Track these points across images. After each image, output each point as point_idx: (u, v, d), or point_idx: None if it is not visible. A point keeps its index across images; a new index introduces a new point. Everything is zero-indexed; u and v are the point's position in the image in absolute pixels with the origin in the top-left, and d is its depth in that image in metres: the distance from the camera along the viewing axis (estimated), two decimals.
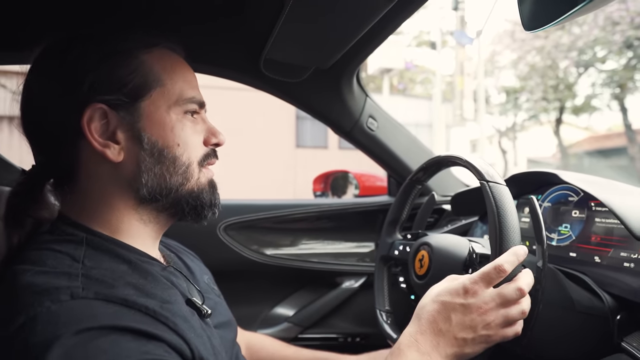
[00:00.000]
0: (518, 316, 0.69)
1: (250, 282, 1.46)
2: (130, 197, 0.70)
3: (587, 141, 17.25)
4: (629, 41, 11.47)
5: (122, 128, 0.68)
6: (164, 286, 0.66)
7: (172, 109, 0.70)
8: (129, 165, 0.68)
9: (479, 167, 0.80)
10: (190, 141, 0.72)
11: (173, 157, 0.70)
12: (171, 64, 0.73)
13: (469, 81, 12.89)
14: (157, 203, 0.71)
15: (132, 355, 0.52)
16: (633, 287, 0.77)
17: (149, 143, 0.68)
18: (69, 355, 0.50)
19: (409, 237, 1.05)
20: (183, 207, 0.72)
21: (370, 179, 1.72)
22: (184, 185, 0.71)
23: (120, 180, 0.69)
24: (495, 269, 0.68)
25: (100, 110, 0.66)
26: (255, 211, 1.46)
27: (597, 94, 14.20)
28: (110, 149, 0.67)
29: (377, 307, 1.04)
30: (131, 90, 0.68)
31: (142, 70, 0.69)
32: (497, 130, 18.40)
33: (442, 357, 0.68)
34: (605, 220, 0.88)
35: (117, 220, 0.70)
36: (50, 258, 0.60)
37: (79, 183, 0.69)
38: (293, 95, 1.32)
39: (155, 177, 0.69)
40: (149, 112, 0.69)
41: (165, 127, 0.70)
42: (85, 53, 0.67)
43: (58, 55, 0.69)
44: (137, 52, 0.70)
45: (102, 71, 0.67)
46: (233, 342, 0.84)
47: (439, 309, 0.69)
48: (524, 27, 0.60)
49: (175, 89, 0.71)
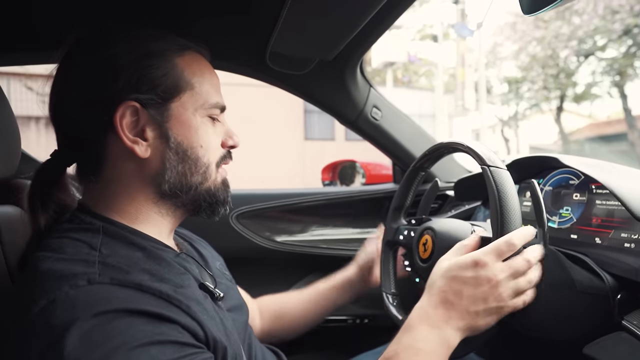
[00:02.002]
0: (527, 286, 0.71)
1: (262, 268, 1.49)
2: (151, 191, 0.72)
3: (588, 128, 17.19)
4: (629, 29, 11.40)
5: (151, 126, 0.70)
6: (177, 271, 0.69)
7: (198, 111, 0.73)
8: (154, 162, 0.71)
9: (480, 152, 0.81)
10: (211, 143, 0.75)
11: (196, 158, 0.73)
12: (200, 68, 0.75)
13: (471, 72, 12.83)
14: (177, 199, 0.74)
15: (146, 336, 0.55)
16: (633, 267, 0.77)
17: (175, 142, 0.71)
18: (86, 337, 0.52)
19: (413, 223, 1.07)
20: (200, 204, 0.76)
21: (376, 168, 1.74)
22: (202, 184, 0.74)
23: (145, 175, 0.71)
24: (506, 243, 0.70)
25: (132, 107, 0.68)
26: (266, 200, 1.49)
27: (597, 81, 14.16)
28: (139, 145, 0.69)
29: (384, 290, 1.06)
30: (164, 91, 0.70)
31: (175, 73, 0.71)
32: (499, 119, 18.37)
33: (454, 330, 0.70)
34: (606, 202, 0.89)
35: (136, 211, 0.72)
36: (69, 246, 0.62)
37: (104, 174, 0.71)
38: (299, 87, 1.34)
39: (178, 174, 0.72)
40: (177, 113, 0.71)
41: (191, 128, 0.72)
42: (122, 51, 0.69)
43: (95, 49, 0.70)
44: (170, 54, 0.72)
45: (138, 70, 0.68)
46: (245, 325, 0.87)
47: (450, 283, 0.71)
48: (523, 11, 0.59)
49: (202, 93, 0.74)
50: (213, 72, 0.79)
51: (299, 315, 1.14)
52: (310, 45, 1.11)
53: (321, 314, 1.16)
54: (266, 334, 1.10)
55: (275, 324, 1.12)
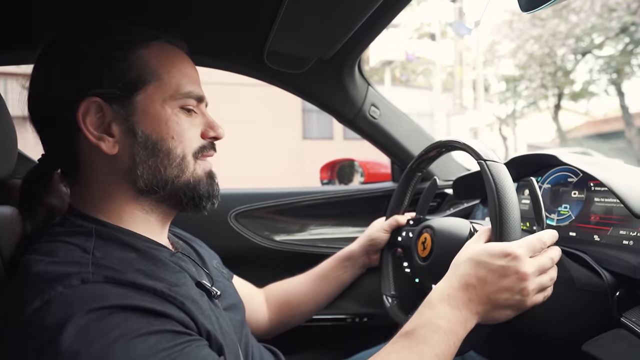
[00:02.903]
0: (549, 283, 0.74)
1: (261, 267, 1.48)
2: (128, 188, 0.71)
3: (586, 126, 17.25)
4: (626, 27, 11.43)
5: (116, 121, 0.69)
6: (172, 270, 0.68)
7: (167, 102, 0.71)
8: (123, 158, 0.69)
9: (477, 148, 0.81)
10: (185, 134, 0.73)
11: (167, 150, 0.71)
12: (170, 58, 0.74)
13: (468, 71, 12.84)
14: (155, 195, 0.72)
15: (143, 327, 0.55)
16: (632, 264, 0.77)
17: (142, 136, 0.69)
18: (82, 332, 0.52)
19: (412, 223, 1.07)
20: (181, 199, 0.74)
21: (375, 167, 1.74)
22: (179, 177, 0.72)
23: (117, 172, 0.70)
24: (539, 240, 0.73)
25: (95, 103, 0.67)
26: (265, 199, 1.49)
27: (594, 79, 14.22)
28: (105, 142, 0.68)
29: (383, 292, 1.06)
30: (126, 84, 0.68)
31: (138, 64, 0.69)
32: (497, 117, 18.41)
33: (472, 314, 0.71)
34: (605, 200, 0.89)
35: (119, 210, 0.71)
36: (62, 250, 0.62)
37: (80, 174, 0.71)
38: (297, 86, 1.34)
39: (150, 169, 0.70)
40: (143, 106, 0.70)
41: (160, 120, 0.70)
42: (80, 47, 0.68)
43: (57, 49, 0.70)
44: (134, 46, 0.70)
45: (97, 65, 0.68)
46: (242, 323, 0.86)
47: (476, 267, 0.72)
48: (521, 8, 0.59)
49: (171, 84, 0.72)
50: (186, 61, 0.77)
51: (306, 297, 1.14)
52: (308, 44, 1.11)
53: (327, 292, 1.16)
54: (275, 325, 1.10)
55: (283, 311, 1.11)
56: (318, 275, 1.16)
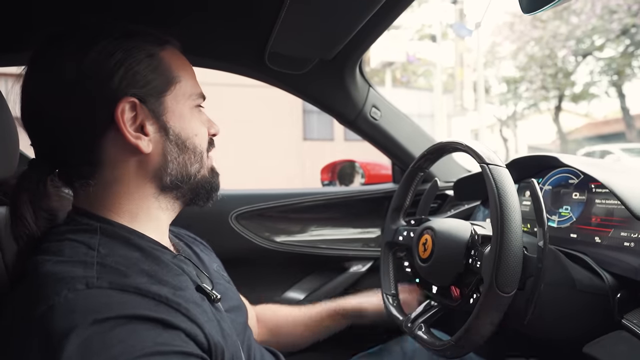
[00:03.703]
0: None
1: (263, 268, 1.49)
2: (153, 186, 0.72)
3: (586, 127, 17.28)
4: (626, 29, 11.45)
5: (150, 120, 0.70)
6: (175, 272, 0.68)
7: (187, 102, 0.74)
8: (156, 156, 0.71)
9: (479, 151, 0.81)
10: (201, 131, 0.76)
11: (193, 147, 0.74)
12: (182, 61, 0.76)
13: (469, 72, 12.86)
14: (178, 190, 0.75)
15: (146, 345, 0.53)
16: (633, 266, 0.78)
17: (174, 134, 0.72)
18: (86, 345, 0.51)
19: (413, 223, 1.07)
20: (199, 192, 0.77)
21: (376, 168, 1.74)
22: (200, 171, 0.76)
23: (147, 171, 0.71)
24: None
25: (130, 103, 0.68)
26: (266, 200, 1.49)
27: (595, 81, 14.25)
28: (142, 140, 0.69)
29: (384, 291, 1.06)
30: (158, 84, 0.70)
31: (163, 66, 0.72)
32: (498, 119, 18.43)
33: None
34: (605, 202, 0.89)
35: (137, 208, 0.72)
36: (67, 247, 0.62)
37: (101, 175, 0.70)
38: (298, 87, 1.34)
39: (179, 166, 0.73)
40: (171, 105, 0.72)
41: (185, 119, 0.73)
42: (111, 47, 0.68)
43: (78, 47, 0.67)
44: (155, 49, 0.72)
45: (130, 66, 0.68)
46: (244, 326, 0.86)
47: None
48: (522, 10, 0.58)
49: (188, 85, 0.75)
50: (189, 63, 0.80)
51: (295, 336, 1.14)
52: (309, 45, 1.11)
53: (317, 338, 1.16)
54: (260, 342, 1.10)
55: (271, 338, 1.11)
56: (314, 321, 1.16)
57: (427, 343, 0.87)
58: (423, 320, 0.93)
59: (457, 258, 0.86)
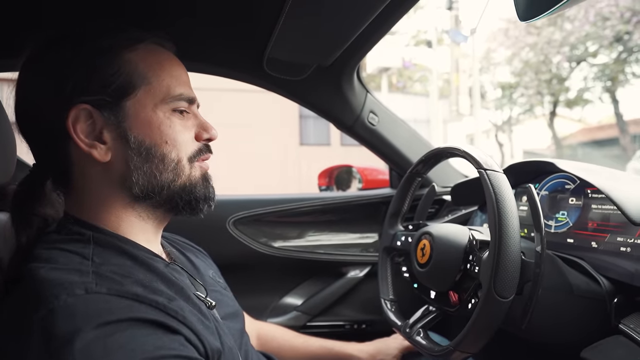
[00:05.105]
0: None
1: (260, 274, 1.49)
2: (124, 195, 0.70)
3: (581, 133, 17.36)
4: (619, 36, 11.56)
5: (108, 128, 0.67)
6: (168, 282, 0.67)
7: (158, 106, 0.70)
8: (118, 165, 0.68)
9: (477, 157, 0.81)
10: (179, 138, 0.71)
11: (161, 155, 0.69)
12: (158, 60, 0.72)
13: (465, 78, 12.91)
14: (152, 200, 0.71)
15: (147, 350, 0.53)
16: (629, 271, 0.78)
17: (135, 142, 0.68)
18: (89, 349, 0.50)
19: (411, 228, 1.07)
20: (177, 202, 0.72)
21: (373, 173, 1.74)
22: (175, 181, 0.71)
23: (112, 179, 0.69)
24: None
25: (85, 110, 0.66)
26: (263, 205, 1.49)
27: (589, 87, 14.34)
28: (97, 149, 0.67)
29: (382, 296, 1.06)
30: (115, 89, 0.67)
31: (126, 69, 0.68)
32: (493, 124, 18.49)
33: None
34: (602, 207, 0.90)
35: (116, 217, 0.70)
36: (61, 257, 0.61)
37: (75, 183, 0.70)
38: (296, 92, 1.34)
39: (145, 175, 0.69)
40: (134, 111, 0.68)
41: (152, 125, 0.69)
42: (65, 53, 0.67)
43: (41, 56, 0.68)
44: (120, 50, 0.69)
45: (84, 71, 0.66)
46: (241, 332, 0.85)
47: None
48: (519, 17, 0.58)
49: (162, 87, 0.70)
50: (175, 62, 0.75)
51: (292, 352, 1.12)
52: (307, 51, 1.11)
53: None
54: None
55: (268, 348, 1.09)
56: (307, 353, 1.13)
57: (425, 348, 0.87)
58: (421, 326, 0.93)
59: (456, 263, 0.87)
